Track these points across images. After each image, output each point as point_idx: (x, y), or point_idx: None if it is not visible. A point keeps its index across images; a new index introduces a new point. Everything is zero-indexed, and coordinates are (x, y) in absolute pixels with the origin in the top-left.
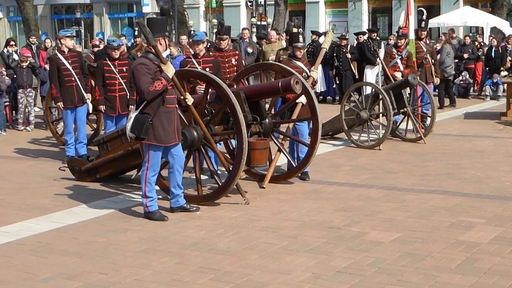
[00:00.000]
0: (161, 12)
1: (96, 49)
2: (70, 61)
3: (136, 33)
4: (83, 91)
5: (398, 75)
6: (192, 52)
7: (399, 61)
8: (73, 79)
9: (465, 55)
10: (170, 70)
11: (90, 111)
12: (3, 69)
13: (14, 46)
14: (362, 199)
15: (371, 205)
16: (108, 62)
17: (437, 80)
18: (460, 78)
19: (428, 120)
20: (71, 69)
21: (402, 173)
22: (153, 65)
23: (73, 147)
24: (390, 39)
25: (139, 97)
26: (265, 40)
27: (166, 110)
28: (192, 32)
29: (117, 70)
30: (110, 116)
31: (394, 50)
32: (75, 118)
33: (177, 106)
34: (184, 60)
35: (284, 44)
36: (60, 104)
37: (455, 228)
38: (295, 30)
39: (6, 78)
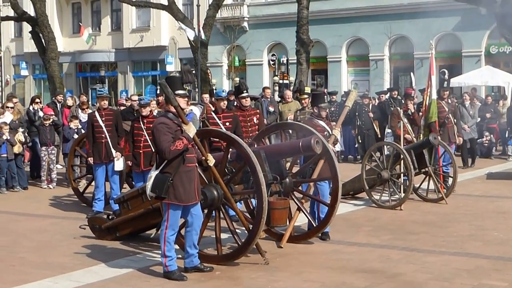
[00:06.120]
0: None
1: (122, 107)
2: (104, 119)
3: (158, 91)
4: (112, 149)
5: (408, 137)
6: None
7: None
8: (103, 135)
9: (487, 115)
10: (191, 130)
11: (116, 169)
12: (21, 131)
13: (39, 103)
14: (383, 260)
15: (392, 267)
16: (139, 119)
17: (459, 140)
18: (484, 138)
19: (450, 180)
20: (103, 127)
21: (424, 234)
22: (174, 125)
23: (100, 203)
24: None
25: (159, 157)
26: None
27: (186, 169)
28: (214, 90)
29: (145, 127)
30: (136, 172)
31: (401, 111)
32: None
33: (197, 164)
34: (207, 115)
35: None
36: (91, 159)
37: None
38: (320, 89)
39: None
